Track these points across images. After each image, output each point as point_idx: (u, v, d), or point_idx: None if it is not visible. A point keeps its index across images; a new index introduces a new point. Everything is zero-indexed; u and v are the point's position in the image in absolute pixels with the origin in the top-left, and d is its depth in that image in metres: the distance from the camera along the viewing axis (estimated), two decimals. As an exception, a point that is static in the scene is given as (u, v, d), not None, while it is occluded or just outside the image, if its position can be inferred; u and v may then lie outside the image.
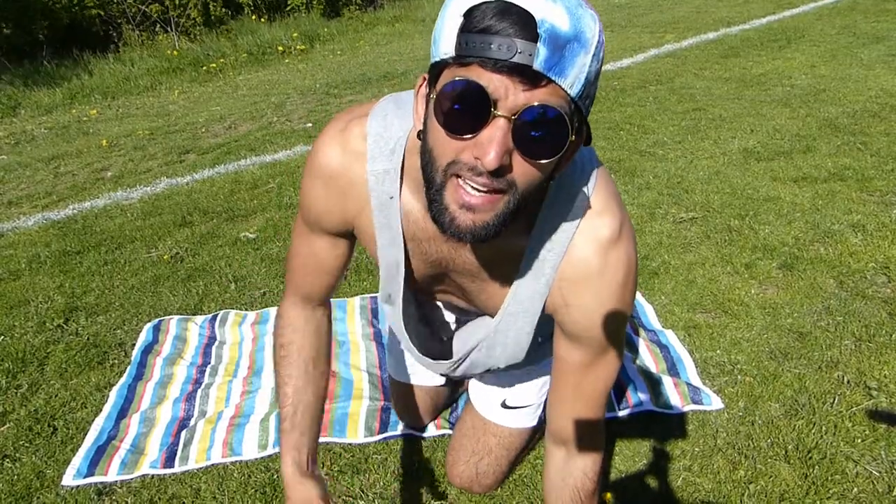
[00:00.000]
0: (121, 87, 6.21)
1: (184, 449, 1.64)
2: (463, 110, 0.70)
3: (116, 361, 2.06)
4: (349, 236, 1.09)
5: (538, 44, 0.66)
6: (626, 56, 5.60)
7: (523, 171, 0.73)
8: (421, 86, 0.81)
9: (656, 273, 2.30)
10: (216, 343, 2.10)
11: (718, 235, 2.51)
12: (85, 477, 1.58)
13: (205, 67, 6.65)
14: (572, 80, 0.69)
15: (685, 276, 2.27)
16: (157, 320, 2.22)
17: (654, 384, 1.73)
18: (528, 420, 1.50)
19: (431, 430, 1.65)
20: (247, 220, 3.03)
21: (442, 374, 1.32)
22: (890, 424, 1.57)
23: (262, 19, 8.44)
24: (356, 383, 1.86)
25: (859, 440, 1.53)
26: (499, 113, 0.69)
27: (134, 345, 2.11)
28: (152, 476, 1.58)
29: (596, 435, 1.08)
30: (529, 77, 0.67)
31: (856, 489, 1.41)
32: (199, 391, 1.87)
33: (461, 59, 0.69)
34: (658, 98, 4.34)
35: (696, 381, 1.76)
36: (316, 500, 1.08)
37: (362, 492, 1.50)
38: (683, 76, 4.83)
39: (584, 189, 0.91)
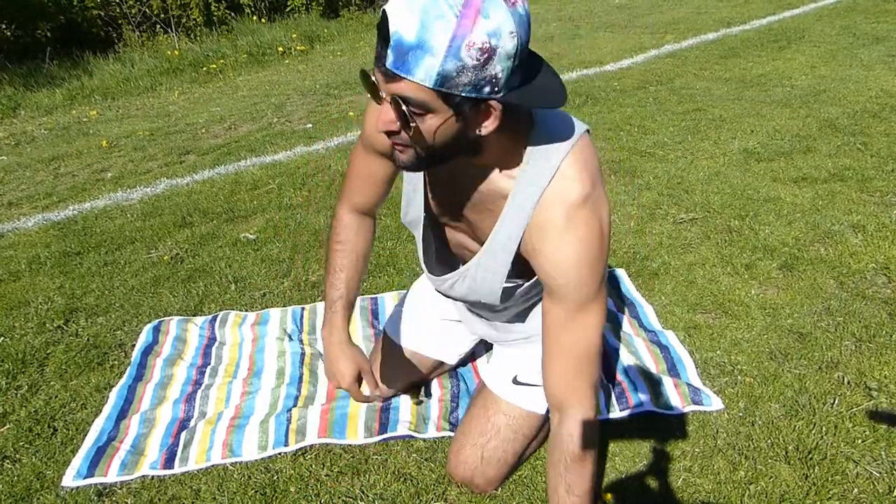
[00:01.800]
0: (121, 87, 6.22)
1: (184, 450, 1.64)
2: (371, 95, 1.00)
3: (116, 362, 2.06)
4: None
5: (388, 50, 0.89)
6: (626, 56, 5.60)
7: (409, 135, 0.98)
8: None
9: (656, 273, 2.30)
10: (216, 344, 2.10)
11: (718, 236, 2.51)
12: (85, 478, 1.58)
13: (205, 68, 6.65)
14: (423, 77, 0.89)
15: (685, 276, 2.26)
16: (156, 321, 2.22)
17: (654, 385, 1.73)
18: (538, 404, 1.49)
19: (432, 431, 1.65)
20: (247, 221, 3.03)
21: (439, 292, 1.43)
22: (890, 425, 1.56)
23: (262, 20, 8.45)
24: (356, 384, 1.86)
25: (860, 441, 1.53)
26: (382, 96, 0.96)
27: (134, 346, 2.11)
28: (152, 477, 1.58)
29: (583, 397, 1.16)
30: (387, 74, 0.92)
31: (856, 490, 1.41)
32: (199, 392, 1.87)
33: None
34: (658, 98, 4.34)
35: (696, 381, 1.76)
36: (363, 363, 1.36)
37: (362, 492, 1.50)
38: (683, 77, 4.83)
39: (559, 153, 1.07)
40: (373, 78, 0.96)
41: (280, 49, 7.25)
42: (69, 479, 1.58)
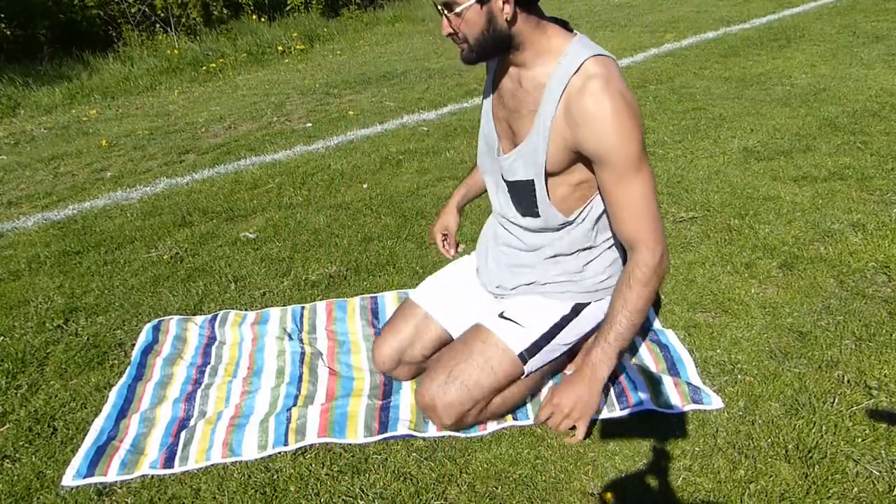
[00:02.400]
0: (120, 87, 6.22)
1: (183, 449, 1.64)
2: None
3: (116, 362, 2.06)
4: None
5: None
6: (625, 55, 5.60)
7: (459, 28, 1.36)
8: None
9: (656, 273, 2.30)
10: (216, 343, 2.10)
11: (718, 235, 2.51)
12: (85, 477, 1.58)
13: (205, 67, 6.65)
14: None
15: (685, 275, 2.26)
16: (156, 320, 2.22)
17: (654, 383, 1.73)
18: (516, 341, 1.57)
19: (432, 430, 1.65)
20: (246, 221, 3.03)
21: (485, 169, 1.66)
22: (890, 424, 1.56)
23: (262, 19, 8.44)
24: (356, 383, 1.86)
25: (860, 440, 1.53)
26: (438, 9, 1.37)
27: (134, 345, 2.11)
28: (152, 476, 1.58)
29: (646, 237, 1.43)
30: None
31: (856, 489, 1.41)
32: (199, 391, 1.87)
33: None
34: (658, 97, 4.34)
35: (696, 380, 1.76)
36: (452, 223, 1.91)
37: (362, 491, 1.50)
38: (683, 76, 4.83)
39: (588, 54, 1.36)
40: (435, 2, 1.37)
41: (280, 48, 7.25)
42: (69, 479, 1.58)
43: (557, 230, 1.57)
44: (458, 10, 1.32)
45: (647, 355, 1.87)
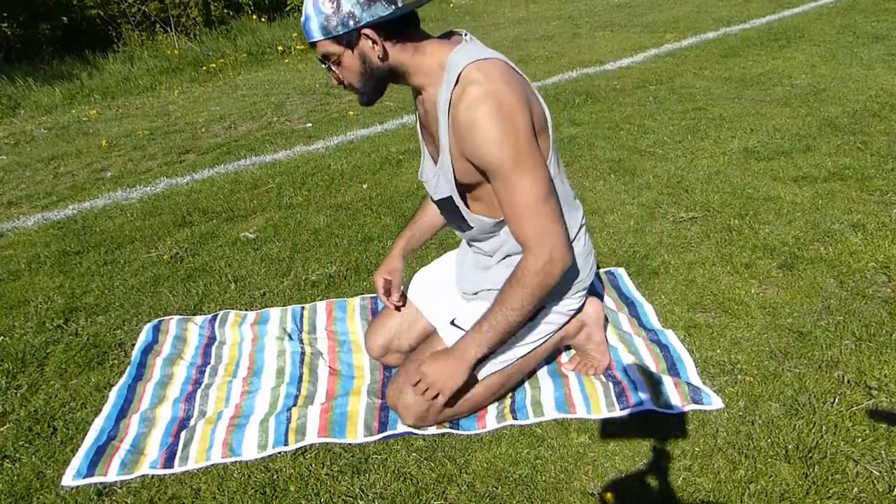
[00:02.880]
0: (120, 87, 6.22)
1: (183, 449, 1.64)
2: None
3: (116, 362, 2.06)
4: None
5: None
6: (625, 56, 5.60)
7: (343, 77, 1.43)
8: None
9: (656, 273, 2.30)
10: (216, 343, 2.10)
11: (718, 235, 2.51)
12: (85, 477, 1.58)
13: (205, 67, 6.65)
14: (317, 35, 1.35)
15: (685, 275, 2.26)
16: (156, 320, 2.22)
17: (654, 384, 1.73)
18: None
19: (432, 430, 1.65)
20: (246, 220, 3.03)
21: (423, 180, 1.66)
22: (890, 424, 1.56)
23: (262, 19, 8.44)
24: (356, 383, 1.86)
25: (860, 440, 1.53)
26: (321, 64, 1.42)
27: (134, 345, 2.11)
28: (152, 476, 1.58)
29: (533, 243, 1.39)
30: (311, 47, 1.42)
31: (856, 489, 1.41)
32: (199, 391, 1.87)
33: None
34: (658, 98, 4.34)
35: (696, 380, 1.76)
36: (395, 272, 1.84)
37: (362, 491, 1.50)
38: (683, 76, 4.83)
39: (466, 62, 1.36)
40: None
41: (280, 48, 7.25)
42: (69, 479, 1.58)
43: (496, 231, 1.57)
44: (333, 59, 1.39)
45: (647, 355, 1.87)
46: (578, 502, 1.44)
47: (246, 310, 2.28)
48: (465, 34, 1.45)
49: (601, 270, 2.34)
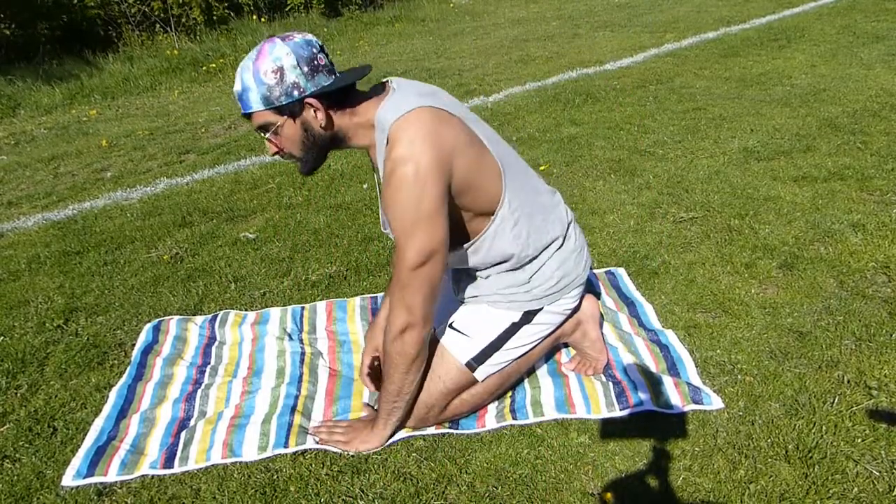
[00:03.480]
0: (121, 87, 6.22)
1: (183, 449, 1.64)
2: None
3: (116, 362, 2.06)
4: None
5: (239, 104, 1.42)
6: (625, 56, 5.60)
7: (282, 146, 1.45)
8: None
9: (656, 273, 2.30)
10: (216, 343, 2.10)
11: (718, 235, 2.51)
12: (85, 477, 1.58)
13: (205, 67, 6.65)
14: (257, 105, 1.38)
15: (685, 275, 2.26)
16: (156, 320, 2.22)
17: (654, 384, 1.73)
18: (461, 352, 1.61)
19: (431, 430, 1.65)
20: (247, 221, 3.03)
21: (386, 232, 1.66)
22: (890, 424, 1.56)
23: (262, 19, 8.44)
24: (356, 384, 1.86)
25: (859, 440, 1.53)
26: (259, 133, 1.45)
27: (134, 345, 2.11)
28: (152, 476, 1.58)
29: (395, 304, 1.43)
30: (246, 118, 1.43)
31: (856, 489, 1.41)
32: (199, 391, 1.87)
33: None
34: (658, 97, 4.34)
35: (696, 380, 1.76)
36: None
37: (362, 491, 1.50)
38: (683, 76, 4.83)
39: (386, 128, 1.39)
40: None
41: (280, 48, 7.24)
42: (69, 479, 1.58)
43: (472, 253, 1.58)
44: (273, 129, 1.40)
45: (647, 355, 1.87)
46: (578, 502, 1.44)
47: (246, 310, 2.28)
48: (392, 82, 1.47)
49: (601, 270, 2.34)
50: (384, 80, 1.50)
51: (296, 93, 1.37)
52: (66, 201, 3.49)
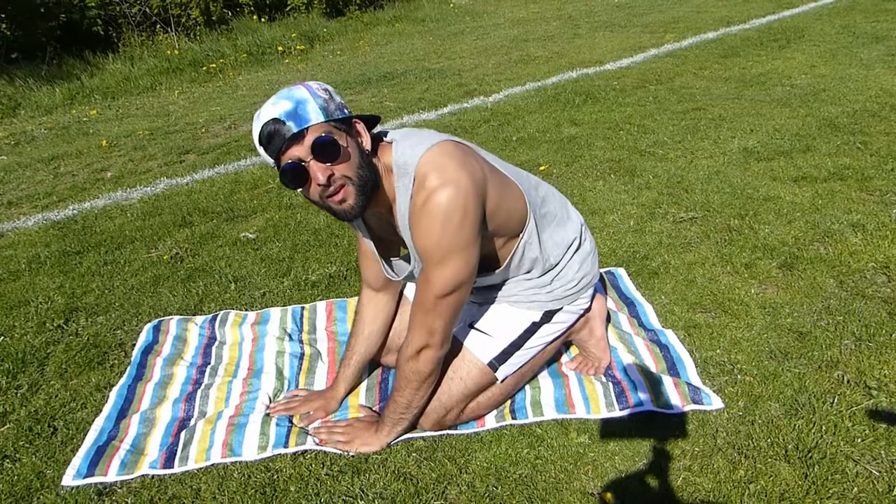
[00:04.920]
0: (121, 87, 6.22)
1: (183, 449, 1.64)
2: (298, 180, 1.33)
3: (116, 362, 2.06)
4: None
5: (284, 125, 1.25)
6: (625, 56, 5.60)
7: (341, 163, 1.30)
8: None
9: (656, 273, 2.30)
10: (216, 343, 2.10)
11: (718, 235, 2.51)
12: (85, 477, 1.58)
13: (205, 67, 6.65)
14: (316, 117, 1.26)
15: (685, 275, 2.26)
16: (157, 321, 2.22)
17: (654, 384, 1.73)
18: (484, 352, 1.60)
19: (431, 431, 1.65)
20: (247, 221, 3.03)
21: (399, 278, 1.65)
22: (890, 424, 1.57)
23: (262, 19, 8.44)
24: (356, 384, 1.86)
25: (859, 440, 1.53)
26: (306, 163, 1.30)
27: (134, 345, 2.11)
28: (152, 476, 1.58)
29: (415, 328, 1.43)
30: (298, 137, 1.26)
31: (856, 489, 1.41)
32: (199, 391, 1.87)
33: None
34: (658, 98, 4.34)
35: (696, 380, 1.76)
36: (332, 402, 1.75)
37: (362, 491, 1.50)
38: (683, 76, 4.83)
39: (416, 165, 1.33)
40: (286, 164, 1.27)
41: (280, 48, 7.25)
42: (69, 479, 1.58)
43: (497, 272, 1.59)
44: (331, 148, 1.26)
45: (647, 355, 1.87)
46: (578, 502, 1.44)
47: (246, 310, 2.28)
48: (389, 133, 1.42)
49: (601, 270, 2.34)
50: (382, 130, 1.45)
51: (346, 110, 1.31)
52: (66, 201, 3.49)
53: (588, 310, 1.79)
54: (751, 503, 1.40)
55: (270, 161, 1.31)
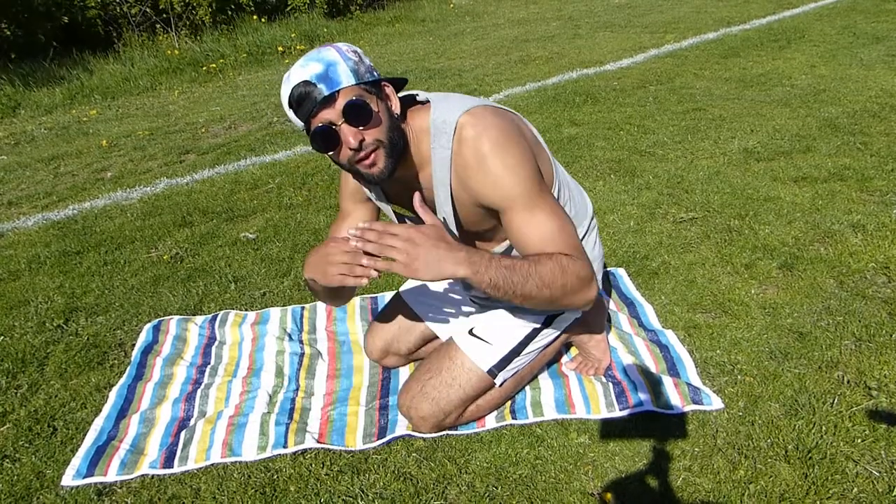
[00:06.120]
0: (121, 87, 6.22)
1: (183, 449, 1.64)
2: (327, 144, 1.28)
3: (116, 362, 2.06)
4: None
5: (315, 87, 1.21)
6: (625, 56, 5.60)
7: (372, 127, 1.25)
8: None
9: (656, 273, 2.30)
10: (216, 343, 2.10)
11: (718, 235, 2.51)
12: (84, 477, 1.58)
13: (205, 67, 6.65)
14: (347, 80, 1.22)
15: (685, 276, 2.26)
16: (156, 320, 2.22)
17: (654, 384, 1.73)
18: (483, 360, 1.59)
19: (430, 433, 1.65)
20: (247, 221, 3.03)
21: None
22: (890, 424, 1.56)
23: (262, 19, 8.44)
24: (356, 384, 1.86)
25: (859, 440, 1.53)
26: (336, 126, 1.26)
27: (134, 345, 2.11)
28: (152, 476, 1.58)
29: (576, 254, 1.29)
30: (329, 100, 1.23)
31: (856, 489, 1.41)
32: (199, 391, 1.87)
33: None
34: (658, 98, 4.34)
35: (696, 381, 1.76)
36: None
37: (362, 491, 1.50)
38: (683, 76, 4.83)
39: (453, 121, 1.29)
40: (317, 127, 1.22)
41: (280, 48, 7.25)
42: (69, 479, 1.58)
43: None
44: (364, 110, 1.22)
45: (647, 356, 1.87)
46: (578, 502, 1.44)
47: (246, 310, 2.28)
48: (422, 94, 1.38)
49: (601, 271, 2.35)
50: (411, 93, 1.39)
51: (375, 73, 1.27)
52: (66, 201, 3.49)
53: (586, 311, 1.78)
54: (751, 503, 1.40)
55: (299, 124, 1.26)
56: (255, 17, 8.46)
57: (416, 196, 1.29)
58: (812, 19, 6.41)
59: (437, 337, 1.83)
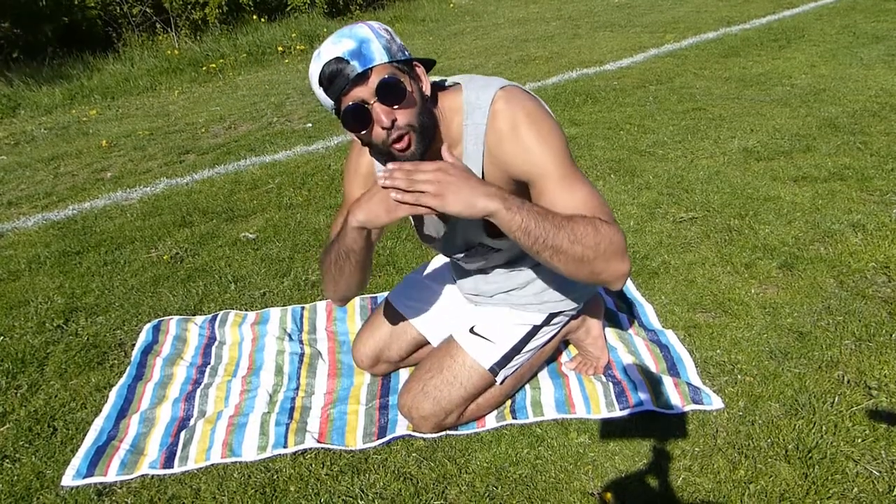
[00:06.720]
0: (121, 87, 6.22)
1: (183, 449, 1.64)
2: (359, 122, 1.24)
3: (116, 362, 2.06)
4: None
5: (348, 64, 1.17)
6: (625, 56, 5.60)
7: (405, 107, 1.22)
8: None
9: (656, 273, 2.30)
10: (216, 343, 2.10)
11: (718, 235, 2.51)
12: (84, 477, 1.58)
13: (204, 67, 6.65)
14: (380, 57, 1.18)
15: (685, 275, 2.26)
16: (156, 321, 2.22)
17: (654, 384, 1.73)
18: (485, 358, 1.59)
19: (431, 433, 1.65)
20: (247, 221, 3.03)
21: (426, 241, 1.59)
22: (890, 424, 1.56)
23: (262, 19, 8.44)
24: (357, 382, 1.86)
25: (859, 440, 1.53)
26: (369, 105, 1.22)
27: (134, 345, 2.11)
28: (152, 476, 1.58)
29: (611, 221, 1.23)
30: (362, 77, 1.19)
31: (856, 489, 1.41)
32: (199, 391, 1.87)
33: None
34: (658, 98, 4.34)
35: (696, 380, 1.76)
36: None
37: (362, 491, 1.50)
38: (683, 76, 4.83)
39: (488, 98, 1.29)
40: (349, 105, 1.18)
41: (280, 48, 7.25)
42: (69, 479, 1.58)
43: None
44: (398, 90, 1.18)
45: (647, 355, 1.87)
46: (578, 502, 1.44)
47: (246, 310, 2.28)
48: (452, 78, 1.38)
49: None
50: (437, 78, 1.38)
51: (407, 52, 1.25)
52: (66, 201, 3.49)
53: (583, 308, 1.78)
54: (751, 503, 1.40)
55: (329, 103, 1.23)
56: (255, 16, 8.46)
57: (444, 146, 1.25)
58: (812, 19, 6.41)
59: (428, 343, 1.82)
